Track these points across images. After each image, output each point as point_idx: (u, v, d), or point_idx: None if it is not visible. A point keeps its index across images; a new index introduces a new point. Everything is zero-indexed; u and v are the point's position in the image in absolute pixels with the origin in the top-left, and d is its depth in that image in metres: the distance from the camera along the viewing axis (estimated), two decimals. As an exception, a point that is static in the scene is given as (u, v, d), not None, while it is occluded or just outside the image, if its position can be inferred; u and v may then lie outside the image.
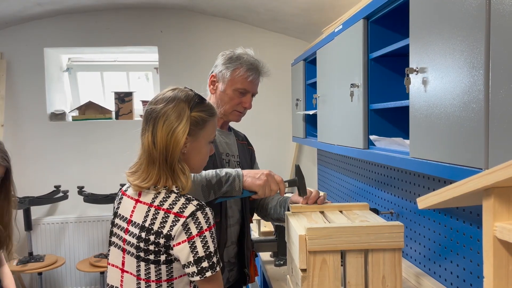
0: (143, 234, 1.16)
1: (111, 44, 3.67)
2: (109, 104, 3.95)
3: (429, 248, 1.77)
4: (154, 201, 1.18)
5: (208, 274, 1.12)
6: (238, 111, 1.70)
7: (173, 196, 1.17)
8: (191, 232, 1.12)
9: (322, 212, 1.59)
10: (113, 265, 1.26)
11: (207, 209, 1.16)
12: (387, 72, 1.69)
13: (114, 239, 1.27)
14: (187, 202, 1.15)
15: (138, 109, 3.87)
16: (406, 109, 1.38)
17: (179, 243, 1.12)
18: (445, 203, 0.78)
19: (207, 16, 3.71)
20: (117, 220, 1.28)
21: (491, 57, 0.95)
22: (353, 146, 1.84)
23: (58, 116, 3.73)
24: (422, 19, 1.24)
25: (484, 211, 0.68)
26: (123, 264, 1.22)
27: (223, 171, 1.46)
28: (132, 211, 1.22)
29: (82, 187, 3.45)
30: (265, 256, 2.25)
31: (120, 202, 1.29)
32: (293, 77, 3.24)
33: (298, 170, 1.53)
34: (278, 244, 2.08)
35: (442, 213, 1.66)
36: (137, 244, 1.17)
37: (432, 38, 1.18)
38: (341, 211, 1.59)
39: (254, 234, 2.55)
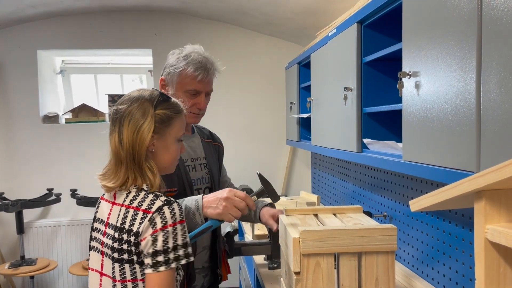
0: (116, 234, 1.17)
1: (105, 46, 3.66)
2: (103, 106, 3.93)
3: (422, 251, 1.78)
4: (125, 200, 1.19)
5: (162, 268, 1.11)
6: (194, 112, 1.63)
7: (142, 194, 1.18)
8: (156, 226, 1.12)
9: (316, 215, 1.59)
10: (93, 269, 1.27)
11: (175, 205, 1.16)
12: (380, 76, 1.70)
13: (93, 243, 1.28)
14: (155, 198, 1.16)
15: (132, 111, 3.85)
16: (399, 112, 1.39)
17: (144, 238, 1.13)
18: (437, 205, 0.78)
19: (202, 19, 3.71)
20: (96, 224, 1.29)
21: (482, 61, 0.96)
22: (347, 149, 1.85)
23: (51, 119, 3.71)
24: (414, 23, 1.26)
25: (476, 213, 0.69)
26: (101, 267, 1.22)
27: (183, 204, 1.44)
28: (109, 214, 1.23)
29: (75, 190, 3.43)
30: (259, 259, 2.25)
31: (99, 207, 1.31)
32: (287, 81, 3.25)
33: (261, 178, 1.46)
34: (272, 247, 2.07)
35: (435, 216, 1.67)
36: (112, 244, 1.18)
37: (424, 42, 1.19)
38: (334, 214, 1.59)
39: (248, 237, 2.55)
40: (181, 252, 1.13)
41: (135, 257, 1.15)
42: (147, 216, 1.13)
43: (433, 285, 1.69)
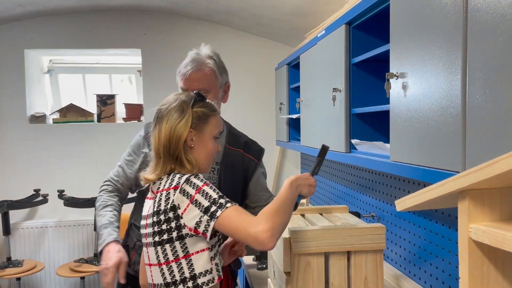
0: (154, 218, 1.23)
1: (94, 46, 3.63)
2: (91, 107, 3.90)
3: (409, 251, 1.80)
4: (159, 188, 1.26)
5: (219, 213, 1.16)
6: None
7: (171, 176, 1.25)
8: (190, 194, 1.18)
9: (302, 215, 1.60)
10: (145, 264, 1.33)
11: (200, 175, 1.25)
12: (368, 77, 1.71)
13: (142, 240, 1.34)
14: (182, 175, 1.23)
15: (121, 112, 3.83)
16: (386, 113, 1.40)
17: (185, 209, 1.18)
18: (422, 205, 0.79)
19: (191, 20, 3.70)
20: (141, 223, 1.35)
21: (468, 62, 0.97)
22: (335, 150, 1.86)
23: (39, 119, 3.67)
24: (402, 25, 1.27)
25: (459, 213, 0.70)
26: (149, 259, 1.29)
27: (104, 232, 1.56)
28: (149, 208, 1.30)
29: (63, 191, 3.39)
30: (247, 259, 2.25)
31: (143, 207, 1.38)
32: (277, 81, 3.26)
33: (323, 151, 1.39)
34: (261, 247, 2.08)
35: (422, 216, 1.69)
36: (152, 231, 1.24)
37: (411, 43, 1.21)
38: (321, 214, 1.60)
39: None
40: (222, 200, 1.18)
41: (174, 234, 1.20)
42: (176, 189, 1.20)
43: (420, 284, 1.71)
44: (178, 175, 1.23)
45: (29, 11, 3.36)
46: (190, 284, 1.20)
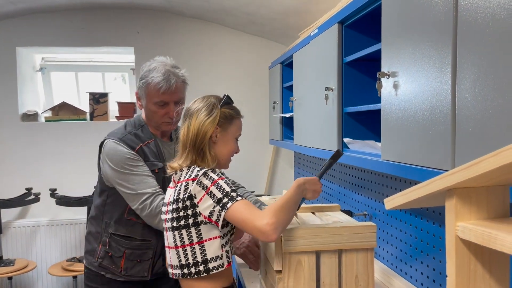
0: (174, 206, 1.35)
1: (86, 44, 3.61)
2: (84, 105, 3.88)
3: (400, 249, 1.81)
4: (180, 178, 1.38)
5: (229, 204, 1.27)
6: (166, 121, 1.74)
7: (192, 168, 1.37)
8: (206, 186, 1.30)
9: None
10: (165, 247, 1.46)
11: (217, 170, 1.38)
12: (360, 76, 1.72)
13: (163, 225, 1.45)
14: (201, 168, 1.35)
15: (114, 110, 3.81)
16: (378, 112, 1.40)
17: (201, 199, 1.30)
18: (411, 203, 0.80)
19: (185, 18, 3.69)
20: (162, 209, 1.47)
21: (458, 62, 0.97)
22: (328, 148, 1.86)
23: (30, 117, 3.64)
24: (393, 24, 1.27)
25: (447, 211, 0.70)
26: (167, 242, 1.41)
27: None
28: (169, 196, 1.42)
29: (55, 190, 3.37)
30: (240, 258, 2.25)
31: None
32: (271, 80, 3.26)
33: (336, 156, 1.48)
34: (254, 246, 2.08)
35: (413, 215, 1.70)
36: (171, 216, 1.36)
37: (403, 43, 1.21)
38: (313, 213, 1.61)
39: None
40: (234, 194, 1.30)
41: (191, 220, 1.32)
42: (194, 181, 1.32)
43: (411, 282, 1.72)
44: (197, 168, 1.35)
45: (21, 8, 3.33)
46: (201, 267, 1.32)
